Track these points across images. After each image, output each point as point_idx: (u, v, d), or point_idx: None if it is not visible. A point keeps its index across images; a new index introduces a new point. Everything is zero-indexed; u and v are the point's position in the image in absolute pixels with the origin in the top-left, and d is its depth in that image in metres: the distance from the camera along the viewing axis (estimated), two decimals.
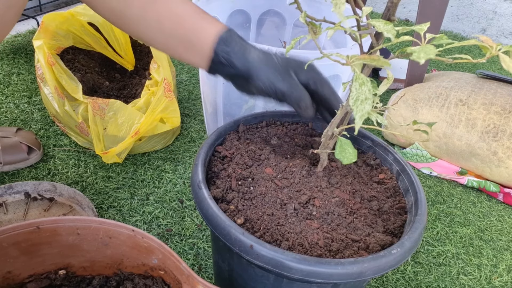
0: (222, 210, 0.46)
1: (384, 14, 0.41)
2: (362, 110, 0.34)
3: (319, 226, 0.47)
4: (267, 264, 0.41)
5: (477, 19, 2.00)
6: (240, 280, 0.51)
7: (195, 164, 0.51)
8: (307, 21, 0.40)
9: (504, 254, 0.85)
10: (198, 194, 0.47)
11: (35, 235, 0.45)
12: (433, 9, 1.11)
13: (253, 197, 0.50)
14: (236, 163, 0.55)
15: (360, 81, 0.34)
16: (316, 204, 0.50)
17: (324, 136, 0.50)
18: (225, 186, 0.52)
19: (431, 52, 0.31)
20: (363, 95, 0.34)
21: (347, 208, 0.50)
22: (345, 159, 0.43)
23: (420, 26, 0.35)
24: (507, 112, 1.00)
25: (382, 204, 0.53)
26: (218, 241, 0.51)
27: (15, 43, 1.28)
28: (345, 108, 0.47)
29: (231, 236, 0.42)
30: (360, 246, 0.46)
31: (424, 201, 0.50)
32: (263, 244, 0.41)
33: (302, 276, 0.40)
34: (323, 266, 0.40)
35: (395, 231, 0.49)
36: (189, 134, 1.04)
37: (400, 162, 0.57)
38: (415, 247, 0.45)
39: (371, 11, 0.36)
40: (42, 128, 0.97)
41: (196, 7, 0.57)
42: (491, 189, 1.00)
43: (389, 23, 0.34)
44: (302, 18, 0.39)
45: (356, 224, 0.49)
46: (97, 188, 0.84)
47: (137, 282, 0.49)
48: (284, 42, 1.08)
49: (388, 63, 0.34)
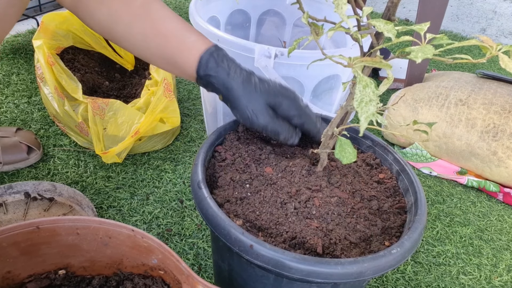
0: (222, 209, 0.46)
1: (384, 14, 0.41)
2: (367, 112, 0.34)
3: (319, 225, 0.47)
4: (267, 264, 0.41)
5: (477, 19, 2.00)
6: (240, 280, 0.51)
7: (195, 164, 0.51)
8: (309, 22, 0.40)
9: (504, 254, 0.85)
10: (198, 194, 0.47)
11: (35, 235, 0.45)
12: (433, 9, 1.11)
13: (253, 196, 0.50)
14: (236, 162, 0.55)
15: (363, 83, 0.34)
16: (316, 203, 0.50)
17: (324, 136, 0.50)
18: (225, 185, 0.52)
19: (428, 52, 0.31)
20: (367, 97, 0.34)
21: (347, 207, 0.50)
22: (345, 158, 0.44)
23: (420, 26, 0.35)
24: (507, 112, 1.00)
25: (381, 204, 0.53)
26: (218, 241, 0.51)
27: (15, 43, 1.28)
28: (345, 108, 0.47)
29: (231, 236, 0.42)
30: (360, 245, 0.46)
31: (424, 201, 0.50)
32: (263, 243, 0.41)
33: (302, 276, 0.40)
34: (323, 266, 0.40)
35: (394, 231, 0.49)
36: (189, 134, 1.04)
37: (400, 162, 0.57)
38: (415, 247, 0.45)
39: (371, 11, 0.36)
40: (42, 128, 0.97)
41: (183, 24, 0.56)
42: (491, 189, 1.00)
43: (390, 23, 0.34)
44: (305, 18, 0.39)
45: (356, 224, 0.49)
46: (97, 188, 0.84)
47: (137, 282, 0.49)
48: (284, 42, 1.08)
49: (389, 65, 0.34)
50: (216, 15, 0.95)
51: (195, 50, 0.53)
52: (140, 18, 0.54)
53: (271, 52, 0.68)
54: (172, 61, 0.55)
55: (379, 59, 0.35)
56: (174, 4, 1.80)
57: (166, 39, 0.54)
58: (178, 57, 0.54)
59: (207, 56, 0.52)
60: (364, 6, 0.37)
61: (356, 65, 0.36)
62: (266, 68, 0.70)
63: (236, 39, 0.70)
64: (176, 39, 0.54)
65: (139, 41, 0.55)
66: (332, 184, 0.53)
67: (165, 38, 0.54)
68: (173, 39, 0.54)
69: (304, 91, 0.76)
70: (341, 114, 0.47)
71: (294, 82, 0.74)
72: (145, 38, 0.55)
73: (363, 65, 0.36)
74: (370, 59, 0.35)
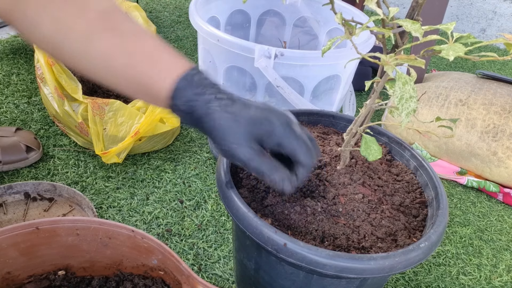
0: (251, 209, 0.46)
1: (409, 14, 0.41)
2: (408, 108, 0.35)
3: (346, 222, 0.48)
4: (301, 262, 0.41)
5: (477, 19, 2.00)
6: (268, 278, 0.52)
7: (219, 165, 0.51)
8: (343, 22, 0.40)
9: (504, 254, 0.85)
10: (227, 195, 0.47)
11: (35, 236, 0.45)
12: (433, 9, 1.11)
13: (280, 195, 0.51)
14: None
15: (403, 80, 0.35)
16: (341, 201, 0.51)
17: (348, 134, 0.51)
18: (251, 185, 0.52)
19: (459, 50, 0.32)
20: (407, 93, 0.35)
21: (371, 204, 0.51)
22: (371, 156, 0.45)
23: (446, 25, 0.36)
24: (506, 112, 1.00)
25: (403, 199, 0.54)
26: (245, 240, 0.52)
27: (15, 43, 1.28)
28: (369, 106, 0.47)
29: (263, 235, 0.43)
30: (386, 240, 0.47)
31: (445, 195, 0.51)
32: (296, 242, 0.41)
33: (336, 272, 0.41)
34: (357, 261, 0.40)
35: (418, 225, 0.51)
36: (189, 134, 1.04)
37: (417, 158, 0.58)
38: (440, 241, 0.46)
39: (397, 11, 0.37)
40: (42, 128, 0.97)
41: (155, 41, 0.45)
42: (491, 189, 1.00)
43: (416, 23, 0.35)
44: (338, 19, 0.39)
45: (381, 219, 0.50)
46: (97, 188, 0.84)
47: (137, 283, 0.49)
48: (284, 42, 1.08)
49: (423, 62, 0.35)
50: (216, 15, 0.95)
51: (169, 73, 0.43)
52: (98, 32, 0.43)
53: (271, 52, 0.68)
54: (141, 85, 0.44)
55: (413, 56, 0.36)
56: (174, 4, 1.80)
57: (134, 58, 0.44)
58: (148, 80, 0.44)
59: (184, 83, 0.43)
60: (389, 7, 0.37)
61: (392, 62, 0.37)
62: (266, 69, 0.70)
63: (236, 39, 0.70)
64: (147, 59, 0.44)
65: (98, 60, 0.44)
66: (355, 181, 0.54)
67: (133, 56, 0.44)
68: (143, 58, 0.44)
69: (304, 91, 0.76)
70: (365, 113, 0.48)
71: (294, 82, 0.74)
72: (106, 57, 0.44)
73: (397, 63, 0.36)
74: (405, 56, 0.36)
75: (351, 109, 1.00)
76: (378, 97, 0.46)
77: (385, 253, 0.42)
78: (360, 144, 0.47)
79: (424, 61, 0.35)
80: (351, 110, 1.00)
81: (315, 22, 1.01)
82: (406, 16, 0.42)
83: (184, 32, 1.55)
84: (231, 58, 0.75)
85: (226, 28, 1.00)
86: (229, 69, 0.78)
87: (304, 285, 0.49)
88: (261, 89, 0.76)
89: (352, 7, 0.93)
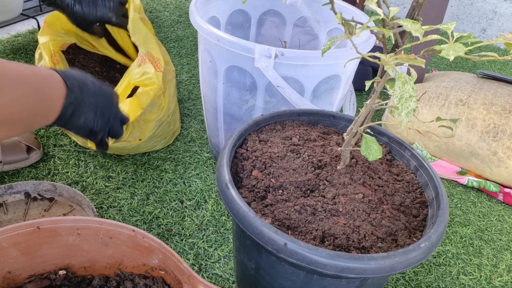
0: None
1: (409, 14, 0.41)
2: (408, 108, 0.35)
3: (346, 222, 0.48)
4: (301, 261, 0.41)
5: (477, 19, 2.00)
6: (268, 278, 0.52)
7: (220, 165, 0.51)
8: (343, 22, 0.40)
9: (504, 254, 0.85)
10: (227, 194, 0.47)
11: (35, 235, 0.45)
12: (433, 9, 1.11)
13: (280, 194, 0.51)
14: (259, 162, 0.56)
15: (402, 80, 0.35)
16: (342, 200, 0.51)
17: (348, 134, 0.51)
18: (251, 185, 0.52)
19: (460, 50, 0.32)
20: (407, 93, 0.35)
21: (371, 203, 0.51)
22: (371, 155, 0.45)
23: (447, 25, 0.36)
24: (507, 112, 1.00)
25: (403, 199, 0.54)
26: (245, 240, 0.52)
27: (15, 43, 1.28)
28: (369, 106, 0.47)
29: (264, 234, 0.43)
30: (386, 240, 0.47)
31: (445, 195, 0.51)
32: (297, 241, 0.41)
33: (336, 272, 0.41)
34: (357, 261, 0.40)
35: (418, 225, 0.51)
36: (189, 134, 1.04)
37: (417, 157, 0.58)
38: (440, 241, 0.46)
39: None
40: (42, 128, 0.97)
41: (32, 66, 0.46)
42: (491, 189, 1.00)
43: (417, 23, 0.35)
44: (338, 19, 0.39)
45: (381, 219, 0.50)
46: (97, 188, 0.84)
47: (138, 282, 0.49)
48: (284, 42, 1.08)
49: (423, 61, 0.35)
50: (216, 15, 0.95)
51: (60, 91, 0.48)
52: None
53: (271, 52, 0.68)
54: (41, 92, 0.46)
55: (413, 56, 0.36)
56: (174, 4, 1.80)
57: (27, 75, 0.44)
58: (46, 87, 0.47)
59: (67, 102, 0.49)
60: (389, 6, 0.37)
61: (392, 62, 0.37)
62: (266, 68, 0.70)
63: (236, 39, 0.70)
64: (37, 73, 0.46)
65: None
66: (355, 181, 0.54)
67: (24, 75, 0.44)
68: (33, 73, 0.45)
69: (305, 91, 0.76)
70: (365, 112, 0.48)
71: (294, 82, 0.74)
72: None
73: (397, 62, 0.36)
74: (406, 56, 0.36)
75: (351, 109, 1.00)
76: (378, 97, 0.46)
77: (386, 253, 0.42)
78: (361, 144, 0.47)
79: (424, 60, 0.35)
80: (352, 110, 1.00)
81: (316, 22, 1.02)
82: (406, 16, 0.41)
83: (185, 32, 1.55)
84: (232, 58, 0.75)
85: (226, 28, 1.00)
86: (229, 69, 0.78)
87: (304, 285, 0.49)
88: (262, 89, 0.76)
89: (352, 7, 0.93)
